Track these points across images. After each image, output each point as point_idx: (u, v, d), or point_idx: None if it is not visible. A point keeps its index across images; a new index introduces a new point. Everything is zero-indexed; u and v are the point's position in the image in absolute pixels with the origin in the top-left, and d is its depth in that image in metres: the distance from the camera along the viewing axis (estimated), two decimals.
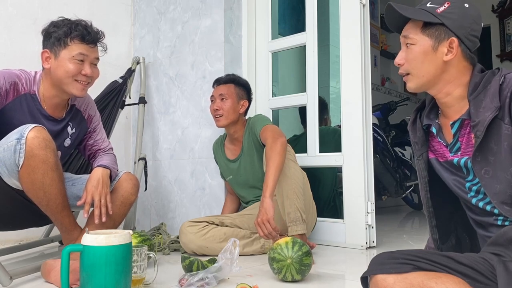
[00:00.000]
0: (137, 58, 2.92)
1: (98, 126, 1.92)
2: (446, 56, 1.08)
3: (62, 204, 1.59)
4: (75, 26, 1.65)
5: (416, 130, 1.21)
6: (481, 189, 1.09)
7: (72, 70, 1.64)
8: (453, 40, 1.07)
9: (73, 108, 1.81)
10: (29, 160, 1.46)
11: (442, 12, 1.08)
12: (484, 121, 1.03)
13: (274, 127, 2.15)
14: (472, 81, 1.09)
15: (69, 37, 1.63)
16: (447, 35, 1.08)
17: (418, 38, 1.11)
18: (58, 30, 1.63)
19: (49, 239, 2.38)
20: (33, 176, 1.49)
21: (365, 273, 0.99)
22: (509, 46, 5.42)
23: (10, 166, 1.48)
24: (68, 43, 1.63)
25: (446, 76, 1.11)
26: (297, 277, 1.56)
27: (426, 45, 1.10)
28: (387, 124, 4.14)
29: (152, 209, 2.90)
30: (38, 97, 1.67)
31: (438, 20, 1.08)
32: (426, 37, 1.10)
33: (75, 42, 1.64)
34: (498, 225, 1.08)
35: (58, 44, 1.63)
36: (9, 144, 1.48)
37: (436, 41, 1.09)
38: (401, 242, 2.53)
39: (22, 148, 1.45)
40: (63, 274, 1.23)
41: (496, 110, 1.02)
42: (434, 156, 1.19)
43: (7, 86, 1.59)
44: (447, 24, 1.07)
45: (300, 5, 2.87)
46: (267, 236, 1.83)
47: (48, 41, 1.65)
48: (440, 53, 1.09)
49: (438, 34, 1.09)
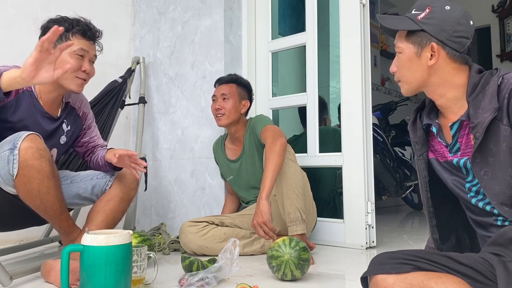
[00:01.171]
0: (137, 58, 2.92)
1: (93, 124, 1.92)
2: (430, 61, 1.10)
3: (60, 210, 1.59)
4: (76, 22, 1.66)
5: (417, 130, 1.22)
6: (480, 190, 1.09)
7: (74, 66, 1.63)
8: (433, 45, 1.09)
9: (67, 106, 1.80)
10: (23, 170, 1.46)
11: (422, 19, 1.10)
12: (483, 122, 1.03)
13: (274, 127, 2.15)
14: (470, 82, 1.09)
15: (71, 32, 1.64)
16: (428, 41, 1.10)
17: (403, 46, 1.14)
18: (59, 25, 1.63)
19: (49, 239, 2.38)
20: (29, 186, 1.49)
21: (365, 273, 0.99)
22: (509, 46, 5.42)
23: (5, 175, 1.48)
24: (69, 37, 1.64)
25: (435, 79, 1.12)
26: (296, 273, 1.56)
27: (411, 52, 1.12)
28: (387, 124, 4.14)
29: (152, 209, 2.90)
30: (35, 93, 1.66)
31: (418, 27, 1.10)
32: (410, 44, 1.13)
33: (76, 37, 1.65)
34: (498, 225, 1.08)
35: (59, 39, 1.60)
36: (2, 155, 1.47)
37: (419, 47, 1.11)
38: (401, 242, 2.53)
39: (15, 159, 1.45)
40: (63, 274, 1.23)
41: (495, 111, 1.02)
42: (434, 156, 1.19)
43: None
44: (426, 29, 1.09)
45: (300, 5, 2.87)
46: (267, 234, 1.84)
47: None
48: (424, 58, 1.11)
49: (420, 40, 1.11)
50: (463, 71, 1.11)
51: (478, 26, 5.33)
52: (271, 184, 1.90)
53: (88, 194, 1.77)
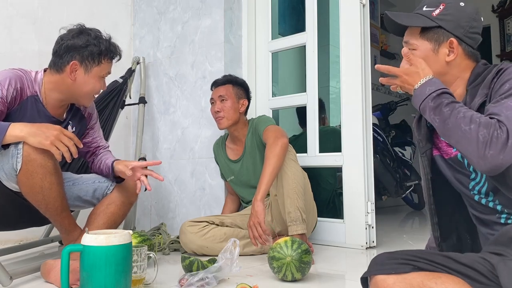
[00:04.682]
0: (137, 58, 2.92)
1: (96, 125, 1.92)
2: (448, 57, 1.10)
3: (61, 207, 1.59)
4: (108, 45, 1.68)
5: (421, 128, 1.22)
6: (482, 189, 1.09)
7: (98, 89, 1.69)
8: (452, 41, 1.09)
9: (73, 107, 1.81)
10: (27, 164, 1.46)
11: (438, 15, 1.10)
12: (474, 107, 1.04)
13: (277, 127, 2.16)
14: (473, 72, 1.10)
15: (103, 55, 1.66)
16: (446, 37, 1.10)
17: (418, 43, 1.13)
18: (91, 46, 1.63)
19: (49, 239, 2.38)
20: (32, 181, 1.49)
21: (365, 274, 0.99)
22: (509, 46, 5.42)
23: (8, 170, 1.49)
24: (102, 61, 1.66)
25: (450, 76, 1.12)
26: (297, 275, 1.56)
27: (427, 48, 1.12)
28: (387, 124, 4.14)
29: (152, 209, 2.90)
30: (40, 97, 1.66)
31: (434, 24, 1.10)
32: (425, 41, 1.12)
33: (107, 62, 1.69)
34: (501, 223, 1.08)
35: (91, 60, 1.64)
36: (6, 150, 1.48)
37: (436, 43, 1.11)
38: (401, 242, 2.53)
39: (19, 153, 1.46)
40: (63, 274, 1.23)
41: (485, 96, 1.03)
42: (438, 153, 1.19)
43: (14, 94, 1.58)
44: (444, 26, 1.09)
45: (300, 5, 2.87)
46: (256, 238, 1.86)
47: (78, 53, 1.63)
48: (442, 54, 1.11)
49: (437, 37, 1.10)
50: (471, 68, 1.12)
51: None
52: (267, 187, 1.92)
53: (89, 197, 1.77)
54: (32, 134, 1.44)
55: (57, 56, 1.64)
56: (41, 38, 1.69)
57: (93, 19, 1.80)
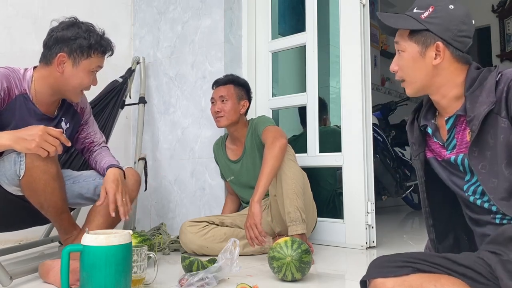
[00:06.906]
0: (137, 58, 2.92)
1: (90, 119, 1.89)
2: (435, 60, 1.09)
3: (62, 209, 1.60)
4: (99, 39, 1.64)
5: (414, 131, 1.22)
6: (477, 189, 1.09)
7: (87, 83, 1.65)
8: (439, 45, 1.08)
9: (64, 103, 1.77)
10: (30, 171, 1.47)
11: (426, 18, 1.09)
12: (479, 115, 1.03)
13: (276, 128, 2.15)
14: (468, 77, 1.10)
15: (93, 49, 1.62)
16: (433, 40, 1.09)
17: (406, 45, 1.13)
18: (81, 39, 1.59)
19: (49, 239, 2.38)
20: (35, 186, 1.50)
21: (364, 277, 0.99)
22: (509, 46, 5.42)
23: (11, 176, 1.49)
24: (91, 55, 1.62)
25: (439, 79, 1.11)
26: (297, 275, 1.56)
27: (414, 51, 1.11)
28: (387, 124, 4.13)
29: (152, 209, 2.90)
30: (29, 95, 1.62)
31: (422, 27, 1.09)
32: (413, 43, 1.11)
33: (97, 56, 1.64)
34: (496, 223, 1.08)
35: (80, 53, 1.60)
36: (8, 156, 1.48)
37: (423, 46, 1.10)
38: (401, 242, 2.53)
39: (22, 160, 1.46)
40: (63, 274, 1.23)
41: (492, 104, 1.02)
42: (432, 155, 1.20)
43: (2, 95, 1.53)
44: (431, 29, 1.08)
45: (300, 5, 2.87)
46: (253, 239, 1.86)
47: (67, 46, 1.59)
48: (428, 58, 1.10)
49: (424, 39, 1.10)
50: (463, 71, 1.11)
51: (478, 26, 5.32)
52: (264, 188, 1.92)
53: (90, 195, 1.76)
54: (17, 142, 1.40)
55: (47, 48, 1.61)
56: (41, 38, 1.68)
57: (93, 19, 1.79)
